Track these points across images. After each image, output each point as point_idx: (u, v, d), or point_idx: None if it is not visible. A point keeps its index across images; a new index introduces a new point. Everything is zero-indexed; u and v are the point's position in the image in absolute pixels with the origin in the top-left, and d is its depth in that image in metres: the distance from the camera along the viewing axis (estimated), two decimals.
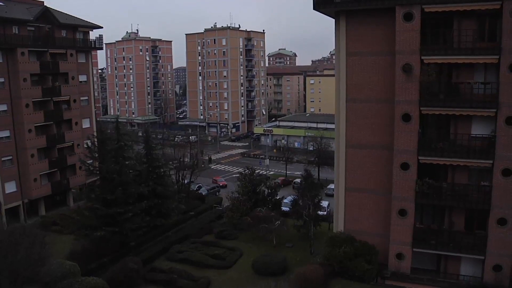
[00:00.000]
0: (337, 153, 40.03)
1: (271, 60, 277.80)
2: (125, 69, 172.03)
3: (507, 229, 34.58)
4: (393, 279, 37.18)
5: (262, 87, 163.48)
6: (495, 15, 33.42)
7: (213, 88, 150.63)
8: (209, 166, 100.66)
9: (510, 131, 33.35)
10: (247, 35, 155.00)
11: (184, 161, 73.29)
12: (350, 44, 37.79)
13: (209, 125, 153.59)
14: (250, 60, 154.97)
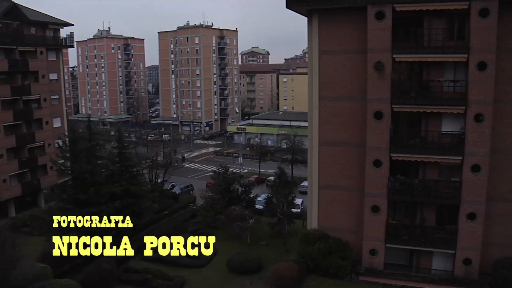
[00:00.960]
0: (310, 150, 40.31)
1: (244, 58, 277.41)
2: (97, 68, 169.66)
3: (476, 223, 35.39)
4: (367, 275, 37.65)
5: (235, 85, 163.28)
6: (463, 15, 34.10)
7: (186, 87, 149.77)
8: (182, 164, 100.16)
9: (479, 128, 34.11)
10: (220, 33, 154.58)
11: (157, 160, 72.74)
12: (322, 42, 38.04)
13: (182, 123, 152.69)
14: (223, 58, 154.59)
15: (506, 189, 35.85)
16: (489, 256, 36.00)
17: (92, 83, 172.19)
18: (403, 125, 37.31)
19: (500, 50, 33.47)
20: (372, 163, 36.65)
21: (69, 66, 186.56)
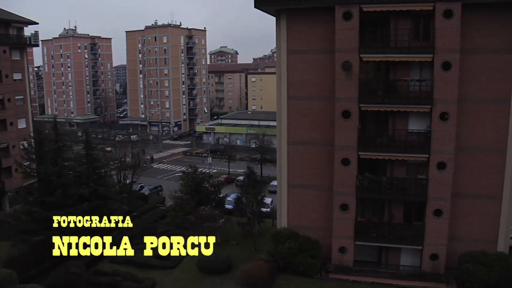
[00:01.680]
0: (279, 150, 40.48)
1: (213, 58, 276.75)
2: (63, 67, 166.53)
3: (442, 219, 36.20)
4: (337, 272, 37.99)
5: (203, 85, 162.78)
6: (428, 16, 34.81)
7: (154, 87, 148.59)
8: (151, 165, 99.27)
9: (444, 126, 34.87)
10: (189, 32, 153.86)
11: (126, 161, 71.91)
12: (291, 42, 38.22)
13: (150, 124, 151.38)
14: (191, 58, 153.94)
15: (470, 186, 36.78)
16: (454, 251, 36.85)
17: (58, 83, 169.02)
18: (370, 124, 37.83)
19: (464, 50, 34.32)
20: (341, 162, 37.02)
21: (34, 66, 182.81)
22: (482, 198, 36.98)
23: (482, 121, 35.92)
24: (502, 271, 34.05)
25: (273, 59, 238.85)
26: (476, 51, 35.04)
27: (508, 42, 34.66)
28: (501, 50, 34.83)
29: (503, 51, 34.79)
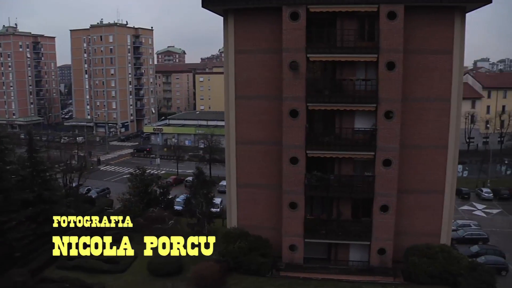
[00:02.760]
0: (227, 149, 40.47)
1: (160, 57, 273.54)
2: (3, 67, 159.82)
3: (389, 215, 37.21)
4: (288, 270, 38.35)
5: (151, 85, 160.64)
6: (373, 17, 35.69)
7: (100, 87, 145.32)
8: (98, 167, 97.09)
9: (389, 124, 35.85)
10: (135, 32, 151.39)
11: (72, 164, 70.12)
12: (238, 42, 38.28)
13: (97, 125, 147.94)
14: (138, 57, 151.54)
15: (415, 182, 38.00)
16: (401, 245, 37.93)
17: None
18: (318, 123, 38.40)
19: (407, 50, 35.40)
20: (289, 161, 37.38)
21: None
22: (426, 193, 38.31)
23: (425, 119, 37.22)
24: (444, 262, 35.72)
25: (221, 59, 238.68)
26: (418, 51, 36.28)
27: (446, 43, 36.01)
28: (441, 50, 36.23)
29: (443, 52, 36.18)
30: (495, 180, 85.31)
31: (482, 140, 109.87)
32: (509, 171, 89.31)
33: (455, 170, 38.51)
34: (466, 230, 57.66)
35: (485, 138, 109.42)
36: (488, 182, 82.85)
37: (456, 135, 37.61)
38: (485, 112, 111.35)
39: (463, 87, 38.50)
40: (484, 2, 35.12)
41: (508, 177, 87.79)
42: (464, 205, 73.15)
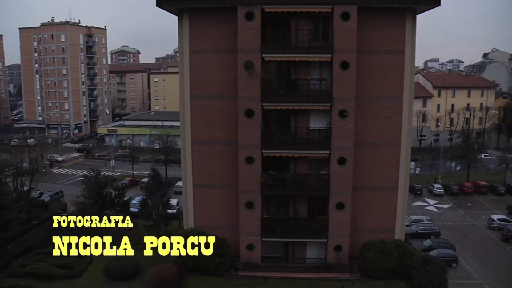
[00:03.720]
0: (183, 150, 40.16)
1: (114, 57, 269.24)
2: None
3: (345, 212, 37.78)
4: (246, 270, 38.41)
5: (105, 85, 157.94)
6: (327, 17, 36.12)
7: (52, 87, 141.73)
8: (50, 170, 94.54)
9: (343, 123, 36.38)
10: (88, 31, 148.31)
11: (23, 167, 68.13)
12: (193, 41, 38.00)
13: (49, 126, 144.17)
14: (91, 57, 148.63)
15: (369, 179, 38.73)
16: (357, 241, 38.60)
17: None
18: (273, 122, 38.58)
19: (360, 50, 36.02)
20: (245, 160, 37.43)
21: None
22: (380, 190, 39.11)
23: (378, 117, 37.99)
24: (399, 257, 36.64)
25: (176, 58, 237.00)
26: (372, 51, 36.99)
27: (398, 44, 36.94)
28: (393, 51, 37.07)
29: (395, 52, 37.05)
30: (445, 176, 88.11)
31: (433, 138, 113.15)
32: (458, 167, 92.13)
33: (407, 167, 39.45)
34: (419, 225, 59.40)
35: (436, 136, 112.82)
36: (439, 178, 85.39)
37: (408, 133, 38.58)
38: (435, 110, 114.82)
39: (414, 87, 39.41)
40: (433, 5, 36.14)
41: (458, 173, 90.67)
42: (417, 201, 75.29)
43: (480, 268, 49.06)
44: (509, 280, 45.59)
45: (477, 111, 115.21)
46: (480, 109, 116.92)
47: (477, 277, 46.94)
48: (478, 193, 79.41)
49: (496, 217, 63.45)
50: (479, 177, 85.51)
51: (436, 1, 35.73)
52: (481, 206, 73.24)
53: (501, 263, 50.64)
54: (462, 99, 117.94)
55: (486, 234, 60.69)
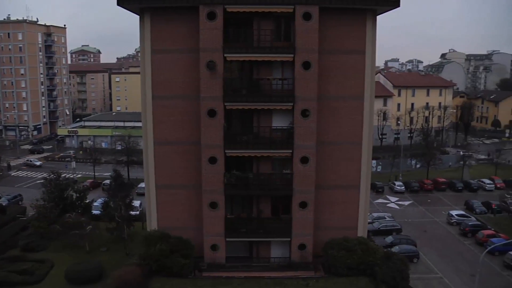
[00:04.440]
0: (145, 151, 39.72)
1: (74, 57, 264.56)
2: None
3: (308, 211, 38.10)
4: (210, 270, 38.26)
5: (64, 85, 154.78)
6: (289, 18, 36.35)
7: (9, 88, 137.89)
8: (8, 173, 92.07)
9: (306, 122, 36.67)
10: (47, 29, 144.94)
11: None
12: (155, 41, 37.62)
13: (6, 128, 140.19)
14: (50, 57, 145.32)
15: (331, 178, 39.18)
16: (320, 239, 38.95)
17: None
18: (236, 122, 38.60)
19: (322, 50, 36.40)
20: (208, 160, 37.30)
21: None
22: (342, 188, 39.64)
23: (340, 116, 38.47)
24: (362, 254, 37.20)
25: (137, 58, 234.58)
26: (333, 51, 37.47)
27: (359, 44, 37.51)
28: (354, 51, 37.61)
29: (356, 52, 37.62)
30: (406, 173, 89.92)
31: (394, 136, 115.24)
32: (418, 164, 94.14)
33: (369, 165, 40.08)
34: (381, 222, 60.52)
35: (397, 134, 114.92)
36: (400, 176, 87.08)
37: (369, 131, 39.18)
38: (396, 109, 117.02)
39: (375, 86, 40.09)
40: (392, 6, 36.80)
41: (418, 170, 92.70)
42: (379, 199, 76.62)
43: (440, 262, 50.40)
44: (465, 273, 46.93)
45: (435, 110, 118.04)
46: (438, 108, 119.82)
47: (437, 271, 48.19)
48: (438, 189, 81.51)
49: (455, 212, 65.28)
50: (438, 174, 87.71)
51: (396, 3, 36.42)
52: (441, 202, 75.14)
53: (460, 257, 52.19)
54: (421, 98, 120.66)
55: (445, 229, 62.32)
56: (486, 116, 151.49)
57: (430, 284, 45.41)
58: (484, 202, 70.78)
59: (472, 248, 55.19)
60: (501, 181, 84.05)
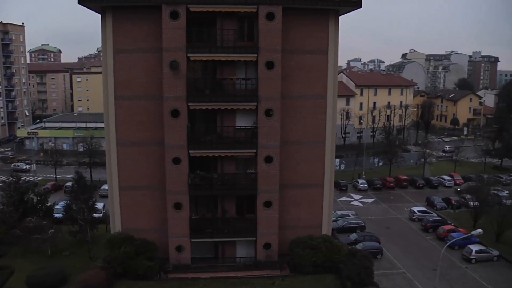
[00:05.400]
0: (108, 152, 39.13)
1: (33, 56, 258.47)
2: None
3: (272, 210, 38.32)
4: (176, 272, 38.01)
5: (23, 86, 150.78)
6: (253, 18, 36.46)
7: None
8: None
9: (269, 122, 36.87)
10: (4, 27, 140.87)
11: None
12: (117, 40, 37.10)
13: None
14: (8, 56, 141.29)
15: (295, 177, 39.51)
16: (285, 238, 39.21)
17: None
18: (200, 122, 38.41)
19: (285, 50, 36.66)
20: (172, 161, 37.05)
21: None
22: (307, 187, 40.00)
23: (304, 116, 38.85)
24: (327, 252, 37.75)
25: (99, 58, 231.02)
26: (296, 51, 37.80)
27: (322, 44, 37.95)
28: (317, 51, 38.01)
29: (319, 52, 38.04)
30: (369, 171, 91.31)
31: (356, 135, 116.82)
32: (381, 162, 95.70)
33: (332, 164, 40.50)
34: (345, 219, 61.15)
35: (359, 133, 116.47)
36: (363, 174, 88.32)
37: (332, 130, 39.64)
38: (358, 108, 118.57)
39: (338, 86, 40.62)
40: (354, 7, 37.34)
41: (380, 168, 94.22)
42: (343, 196, 77.48)
43: (403, 258, 51.35)
44: (427, 268, 47.98)
45: (397, 109, 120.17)
46: (400, 107, 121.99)
47: (400, 267, 49.06)
48: (400, 187, 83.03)
49: (416, 209, 66.64)
50: (400, 171, 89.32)
51: (357, 3, 36.98)
52: (403, 199, 76.58)
53: (421, 252, 53.30)
54: (383, 97, 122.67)
55: (408, 225, 63.55)
56: (445, 114, 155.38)
57: (394, 279, 46.20)
58: (444, 198, 72.62)
59: (433, 243, 56.47)
60: (460, 177, 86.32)
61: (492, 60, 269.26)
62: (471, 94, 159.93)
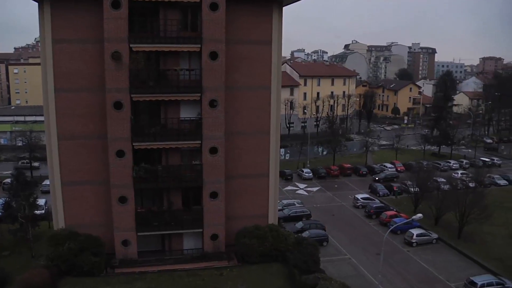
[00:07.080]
0: (48, 146, 37.93)
1: None
2: None
3: (219, 201, 38.41)
4: (122, 267, 37.43)
5: None
6: (196, 8, 36.16)
7: None
8: None
9: (214, 113, 36.82)
10: None
11: None
12: (56, 30, 35.75)
13: None
14: None
15: (241, 167, 39.72)
16: (232, 229, 39.44)
17: None
18: (144, 114, 37.82)
19: (229, 41, 36.65)
20: (115, 154, 36.37)
21: None
22: (252, 177, 40.31)
23: (248, 106, 39.05)
24: (273, 241, 38.26)
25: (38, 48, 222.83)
26: (240, 41, 37.84)
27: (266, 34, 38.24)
28: (261, 41, 38.37)
29: (263, 42, 38.37)
30: (313, 160, 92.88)
31: (301, 125, 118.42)
32: (325, 151, 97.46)
33: (277, 153, 40.98)
34: (291, 208, 62.17)
35: (303, 123, 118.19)
36: (307, 163, 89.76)
37: (277, 121, 40.08)
38: (302, 98, 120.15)
39: (282, 76, 40.98)
40: None
41: (325, 157, 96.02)
42: (288, 186, 78.59)
43: (348, 244, 52.83)
44: (371, 252, 49.53)
45: (340, 99, 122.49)
46: (343, 97, 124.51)
47: (345, 253, 50.48)
48: (344, 175, 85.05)
49: (360, 196, 68.55)
50: (344, 160, 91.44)
51: None
52: (347, 187, 78.53)
53: (365, 238, 55.03)
54: (326, 87, 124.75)
55: (352, 212, 65.31)
56: (387, 104, 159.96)
57: (340, 265, 47.49)
58: (387, 185, 74.86)
59: (377, 228, 58.36)
60: (401, 164, 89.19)
61: (430, 52, 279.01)
62: (411, 84, 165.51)
